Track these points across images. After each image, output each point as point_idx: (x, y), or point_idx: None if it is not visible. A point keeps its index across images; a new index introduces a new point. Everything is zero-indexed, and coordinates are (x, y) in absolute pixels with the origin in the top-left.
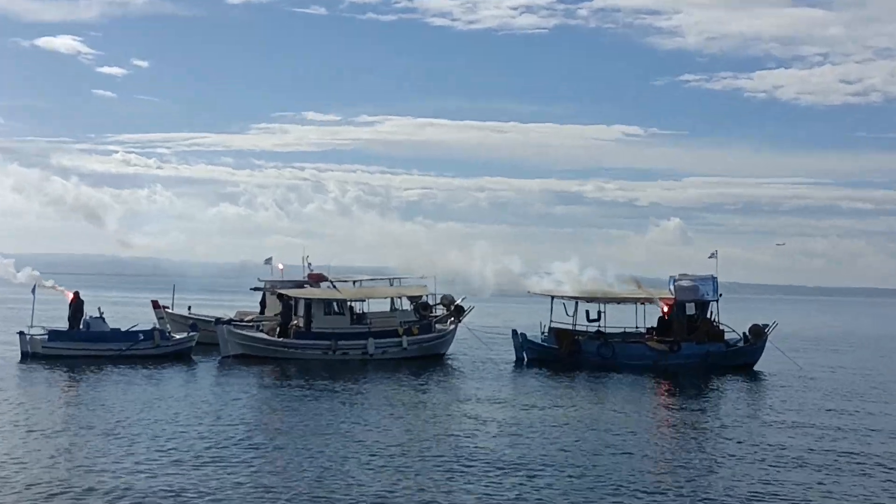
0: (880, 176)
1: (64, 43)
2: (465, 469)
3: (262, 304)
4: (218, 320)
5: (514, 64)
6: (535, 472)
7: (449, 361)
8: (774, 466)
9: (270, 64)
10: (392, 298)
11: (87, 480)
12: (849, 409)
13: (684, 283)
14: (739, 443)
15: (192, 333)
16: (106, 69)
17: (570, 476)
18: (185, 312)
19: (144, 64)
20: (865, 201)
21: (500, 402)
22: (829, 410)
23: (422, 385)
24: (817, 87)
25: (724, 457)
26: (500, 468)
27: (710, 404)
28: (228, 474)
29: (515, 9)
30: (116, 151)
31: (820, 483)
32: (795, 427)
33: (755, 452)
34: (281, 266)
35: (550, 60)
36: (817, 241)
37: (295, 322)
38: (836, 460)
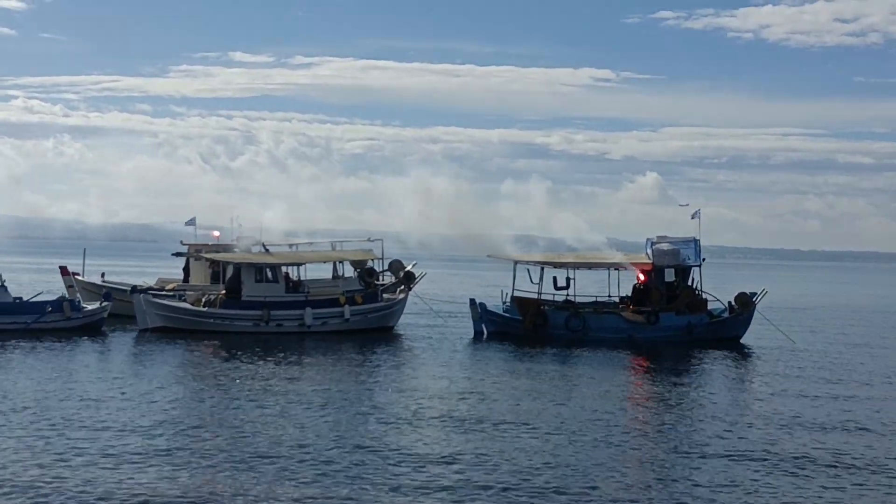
0: (881, 126)
1: None
2: (412, 462)
3: (186, 270)
4: (135, 288)
5: None
6: (495, 463)
7: (398, 335)
8: (762, 454)
9: None
10: (333, 264)
11: None
12: (845, 389)
13: (663, 246)
14: (724, 427)
15: (105, 303)
16: (3, 2)
17: (534, 470)
18: (97, 280)
19: None
20: (864, 155)
21: (455, 382)
22: (824, 390)
23: (366, 362)
24: (810, 27)
25: (705, 443)
26: (454, 461)
27: (691, 383)
28: (146, 466)
29: None
30: (17, 97)
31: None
32: (786, 409)
33: (741, 439)
34: (216, 234)
35: None
36: (811, 200)
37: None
38: (829, 450)
